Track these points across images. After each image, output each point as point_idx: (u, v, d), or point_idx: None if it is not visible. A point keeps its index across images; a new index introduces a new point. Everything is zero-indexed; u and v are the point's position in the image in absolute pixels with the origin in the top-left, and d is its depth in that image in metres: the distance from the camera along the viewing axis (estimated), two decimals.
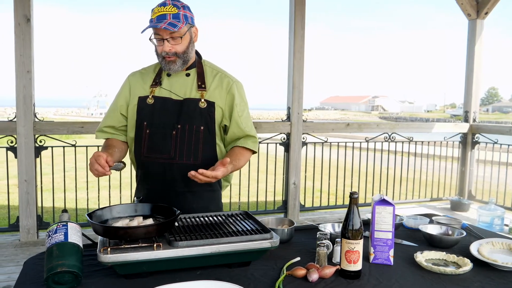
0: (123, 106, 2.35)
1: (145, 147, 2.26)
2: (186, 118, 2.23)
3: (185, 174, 2.20)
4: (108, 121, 2.38)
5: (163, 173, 2.26)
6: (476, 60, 6.91)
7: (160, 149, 2.24)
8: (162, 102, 2.26)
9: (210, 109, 2.26)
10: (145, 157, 2.27)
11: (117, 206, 1.95)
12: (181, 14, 2.13)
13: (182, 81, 2.29)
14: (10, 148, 4.76)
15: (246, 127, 2.35)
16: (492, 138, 6.77)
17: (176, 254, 1.64)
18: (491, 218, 5.61)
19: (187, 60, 2.24)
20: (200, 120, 2.24)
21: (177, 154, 2.24)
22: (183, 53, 2.19)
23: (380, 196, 1.95)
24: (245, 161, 2.35)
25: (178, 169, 2.25)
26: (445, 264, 1.91)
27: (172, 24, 2.08)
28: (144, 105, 2.27)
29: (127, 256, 1.58)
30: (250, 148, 2.35)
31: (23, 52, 4.61)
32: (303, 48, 5.66)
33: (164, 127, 2.24)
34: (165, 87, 2.29)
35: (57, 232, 1.62)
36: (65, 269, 1.51)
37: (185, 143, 2.23)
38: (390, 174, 6.84)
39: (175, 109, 2.24)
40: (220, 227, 1.90)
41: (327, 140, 6.25)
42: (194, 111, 2.24)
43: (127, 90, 2.36)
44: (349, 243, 1.74)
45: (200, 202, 2.32)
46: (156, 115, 2.25)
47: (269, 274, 1.76)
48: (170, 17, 2.09)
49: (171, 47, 2.15)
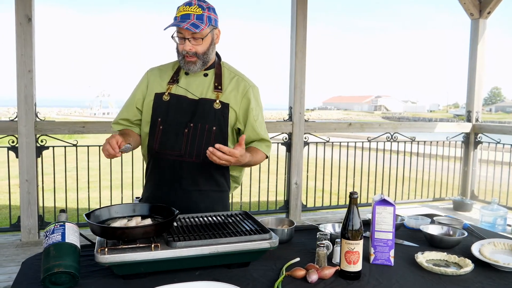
0: (140, 100, 2.37)
1: (157, 142, 2.29)
2: (200, 117, 2.25)
3: (193, 173, 2.25)
4: (124, 114, 2.41)
5: (172, 169, 2.28)
6: (479, 59, 6.89)
7: (171, 146, 2.26)
8: (178, 100, 2.28)
9: (224, 111, 2.27)
10: (156, 152, 2.29)
11: (115, 206, 1.94)
12: (205, 15, 2.15)
13: (199, 81, 2.31)
14: (11, 148, 4.76)
15: (261, 131, 2.36)
16: (494, 138, 6.76)
17: (174, 255, 1.63)
18: (494, 218, 5.59)
19: (207, 61, 2.26)
20: (213, 120, 2.25)
21: (187, 152, 2.25)
22: (203, 54, 2.21)
23: (381, 196, 1.94)
24: (260, 160, 2.36)
25: (187, 167, 2.27)
26: (446, 265, 1.89)
27: (195, 25, 2.10)
28: (160, 102, 2.29)
29: (125, 257, 1.57)
30: (263, 152, 2.37)
31: (24, 52, 4.60)
32: (305, 48, 5.65)
33: (177, 125, 2.26)
34: (182, 85, 2.31)
35: (55, 232, 1.62)
36: (62, 270, 1.51)
37: (196, 142, 2.25)
38: (392, 174, 6.82)
39: (190, 108, 2.27)
40: (219, 227, 1.89)
41: (329, 140, 6.23)
42: (208, 111, 2.25)
43: (145, 85, 2.38)
44: (349, 243, 1.72)
45: (206, 202, 2.33)
46: (171, 112, 2.27)
47: (268, 274, 1.75)
48: (194, 18, 2.12)
49: (191, 47, 2.17)
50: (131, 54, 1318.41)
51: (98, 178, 5.32)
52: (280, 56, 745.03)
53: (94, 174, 5.28)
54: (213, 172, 2.31)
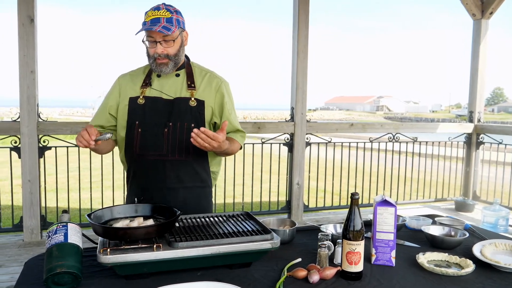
0: (113, 107, 2.41)
1: (137, 145, 2.31)
2: (177, 116, 2.30)
3: (177, 170, 2.30)
4: (97, 121, 2.44)
5: (156, 169, 2.32)
6: (481, 60, 6.87)
7: (153, 146, 2.30)
8: (153, 102, 2.33)
9: (200, 108, 2.33)
10: (138, 155, 2.32)
11: (118, 206, 1.95)
12: (174, 18, 2.22)
13: (172, 82, 2.37)
14: (14, 148, 4.77)
15: (236, 123, 2.47)
16: (497, 138, 6.74)
17: (176, 255, 1.64)
18: (496, 219, 5.58)
19: (178, 62, 2.33)
20: (190, 118, 2.31)
21: (169, 150, 2.29)
22: (174, 55, 2.28)
23: (382, 197, 1.94)
24: (236, 150, 2.43)
25: (170, 165, 2.31)
26: (447, 266, 1.90)
27: (166, 27, 2.18)
28: (135, 106, 2.33)
29: (127, 257, 1.58)
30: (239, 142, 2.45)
31: (26, 53, 4.61)
32: (307, 48, 5.64)
33: (156, 126, 2.30)
34: (155, 87, 2.36)
35: (57, 233, 1.63)
36: (65, 270, 1.52)
37: (177, 140, 2.29)
38: (394, 174, 6.82)
39: (166, 108, 2.31)
40: (221, 228, 1.89)
41: (331, 140, 6.24)
42: (185, 109, 2.31)
43: (117, 92, 2.42)
44: (350, 244, 1.73)
45: (191, 198, 2.38)
46: (147, 114, 2.31)
47: (270, 275, 1.76)
48: (164, 21, 2.18)
49: (163, 49, 2.24)
50: (131, 54, 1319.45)
51: (100, 178, 5.33)
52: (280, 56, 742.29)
53: (97, 174, 5.29)
54: (196, 167, 2.36)
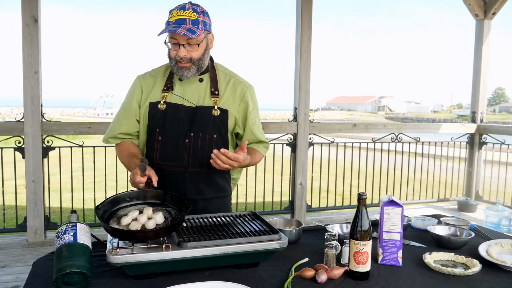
0: (137, 111, 2.28)
1: (158, 154, 2.23)
2: (199, 126, 2.19)
3: (197, 182, 2.22)
4: (124, 128, 2.31)
5: (176, 181, 2.23)
6: (484, 60, 6.86)
7: (173, 157, 2.21)
8: (175, 109, 2.21)
9: (223, 117, 2.22)
10: (158, 164, 2.23)
11: (127, 192, 1.95)
12: (200, 20, 2.07)
13: (194, 87, 2.24)
14: (17, 148, 4.78)
15: (259, 134, 2.36)
16: (499, 138, 6.74)
17: (185, 255, 1.64)
18: (499, 219, 5.58)
19: (202, 67, 2.18)
20: (213, 128, 2.21)
21: (190, 162, 2.21)
22: (198, 60, 2.13)
23: (389, 197, 1.95)
24: (258, 161, 2.37)
25: (190, 177, 2.24)
26: (453, 265, 1.90)
27: (191, 30, 2.01)
28: (156, 111, 2.21)
29: (136, 257, 1.58)
30: (261, 153, 2.38)
31: (30, 53, 4.62)
32: (310, 49, 5.64)
33: (177, 135, 2.20)
34: (177, 92, 2.23)
35: (67, 233, 1.63)
36: (75, 270, 1.52)
37: (198, 151, 2.21)
38: (397, 174, 6.82)
39: (188, 116, 2.20)
40: (229, 228, 1.90)
41: (333, 140, 6.24)
42: (208, 119, 2.20)
43: (139, 93, 2.28)
44: (358, 244, 1.73)
45: (211, 209, 2.28)
46: (168, 122, 2.20)
47: (278, 275, 1.77)
48: (189, 23, 2.03)
49: (186, 53, 2.09)
50: (131, 54, 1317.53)
51: (104, 178, 5.34)
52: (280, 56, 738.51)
53: (100, 174, 5.30)
54: (216, 178, 2.29)
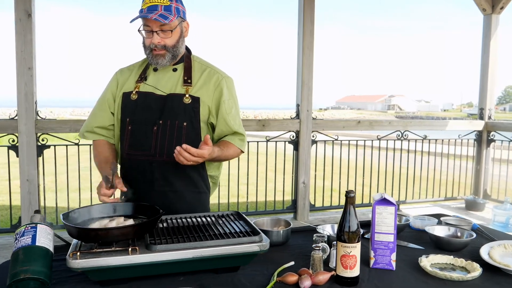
0: (112, 103, 2.27)
1: (127, 144, 2.17)
2: (169, 114, 2.12)
3: (166, 172, 2.12)
4: (99, 121, 2.29)
5: (143, 171, 2.16)
6: (492, 55, 6.70)
7: (141, 146, 2.14)
8: (145, 98, 2.17)
9: (195, 105, 2.15)
10: (127, 155, 2.18)
11: (96, 206, 1.82)
12: (173, 6, 2.05)
13: (168, 77, 2.20)
14: (11, 147, 4.67)
15: (234, 125, 2.23)
16: (508, 136, 6.56)
17: (154, 259, 1.50)
18: (507, 218, 5.43)
19: (176, 55, 2.16)
20: (183, 116, 2.13)
21: (157, 151, 2.13)
22: (172, 47, 2.11)
23: (381, 195, 1.80)
24: (233, 155, 2.23)
25: (158, 166, 2.14)
26: (452, 269, 1.75)
27: (163, 16, 2.00)
28: (128, 101, 2.19)
29: (99, 261, 1.44)
30: (237, 146, 2.23)
31: (24, 49, 4.51)
32: (313, 44, 5.51)
33: (145, 124, 2.14)
34: (150, 82, 2.20)
35: (25, 235, 1.49)
36: (29, 276, 1.38)
37: (167, 140, 2.12)
38: (403, 173, 6.66)
39: (158, 104, 2.15)
40: (207, 229, 1.76)
41: (337, 138, 6.09)
42: (178, 106, 2.13)
43: (115, 87, 2.28)
44: (345, 246, 1.59)
45: (183, 204, 2.18)
46: (138, 111, 2.16)
47: (258, 280, 1.62)
48: (162, 9, 2.01)
49: (160, 40, 2.07)
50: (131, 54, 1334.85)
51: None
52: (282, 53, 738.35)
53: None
54: (188, 171, 2.17)
